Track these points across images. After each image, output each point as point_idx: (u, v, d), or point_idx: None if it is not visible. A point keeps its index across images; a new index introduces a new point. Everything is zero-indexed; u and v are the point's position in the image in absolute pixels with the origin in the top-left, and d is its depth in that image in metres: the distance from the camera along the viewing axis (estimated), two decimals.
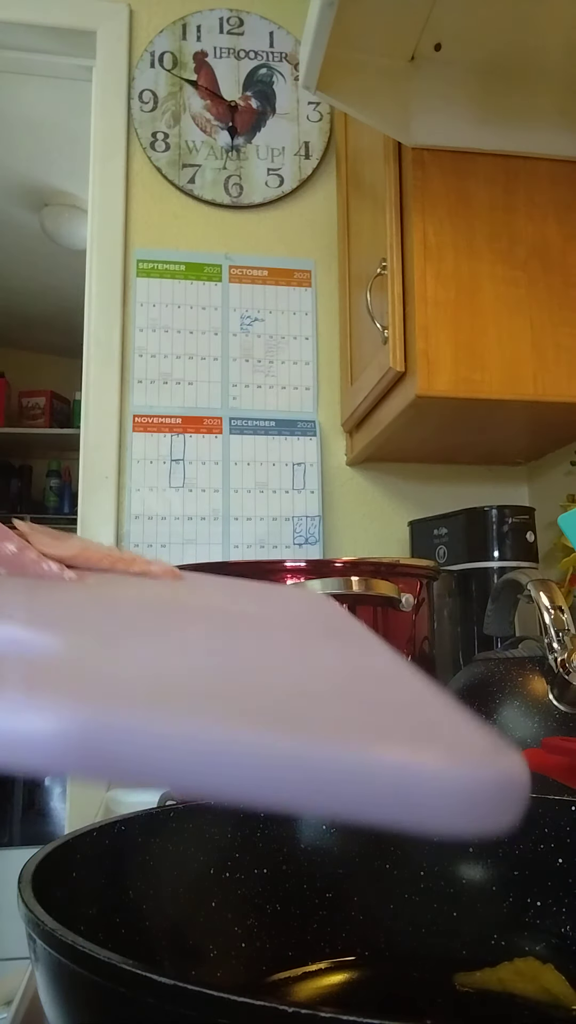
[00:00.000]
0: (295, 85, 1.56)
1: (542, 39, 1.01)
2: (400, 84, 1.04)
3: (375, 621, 0.75)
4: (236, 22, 1.56)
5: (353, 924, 0.43)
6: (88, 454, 1.40)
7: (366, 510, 1.47)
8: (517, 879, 0.43)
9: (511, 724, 0.73)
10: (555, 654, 0.72)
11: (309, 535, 1.42)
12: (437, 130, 1.06)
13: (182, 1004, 0.21)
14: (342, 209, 1.46)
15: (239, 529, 1.40)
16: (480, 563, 1.17)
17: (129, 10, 1.55)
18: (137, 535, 1.38)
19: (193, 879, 0.40)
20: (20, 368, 3.50)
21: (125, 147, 1.50)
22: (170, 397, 1.44)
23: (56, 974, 0.25)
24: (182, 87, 1.53)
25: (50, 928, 0.25)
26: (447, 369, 1.04)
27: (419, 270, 1.05)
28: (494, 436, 1.28)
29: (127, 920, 0.36)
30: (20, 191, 2.52)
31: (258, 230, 1.53)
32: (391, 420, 1.17)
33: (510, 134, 1.09)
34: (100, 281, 1.46)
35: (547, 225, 1.10)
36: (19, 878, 0.31)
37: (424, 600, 0.80)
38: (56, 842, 0.35)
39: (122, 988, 0.22)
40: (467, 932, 0.42)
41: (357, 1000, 0.39)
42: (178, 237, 1.50)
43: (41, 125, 2.22)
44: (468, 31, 0.99)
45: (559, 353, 1.07)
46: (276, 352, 1.48)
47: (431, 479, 1.50)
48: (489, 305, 1.06)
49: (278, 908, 0.42)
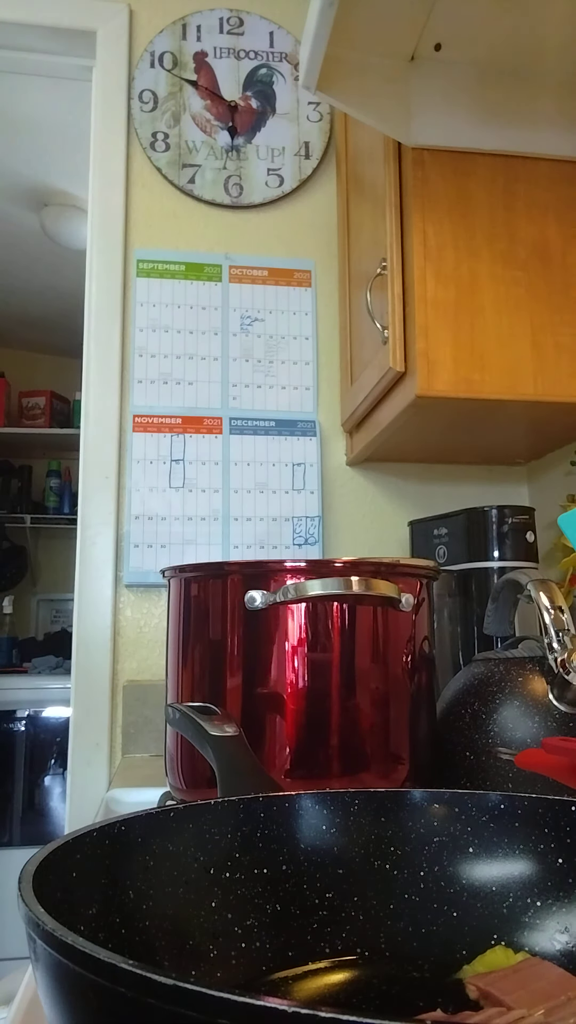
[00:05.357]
0: (295, 85, 1.56)
1: (542, 39, 1.01)
2: (400, 84, 1.04)
3: (375, 621, 0.75)
4: (236, 22, 1.56)
5: (353, 924, 0.43)
6: (88, 454, 1.40)
7: (366, 510, 1.47)
8: (517, 879, 0.43)
9: (511, 724, 0.73)
10: (555, 654, 0.72)
11: (309, 535, 1.42)
12: (437, 130, 1.06)
13: (182, 1004, 0.21)
14: (342, 209, 1.46)
15: (239, 529, 1.40)
16: (480, 563, 1.17)
17: (129, 10, 1.55)
18: (137, 535, 1.38)
19: (193, 879, 0.40)
20: (20, 368, 3.50)
21: (125, 147, 1.50)
22: (170, 397, 1.44)
23: (56, 974, 0.25)
24: (182, 87, 1.53)
25: (50, 928, 0.25)
26: (447, 369, 1.04)
27: (419, 270, 1.05)
28: (494, 436, 1.28)
29: (127, 920, 0.36)
30: (20, 191, 2.52)
31: (258, 230, 1.53)
32: (391, 420, 1.17)
33: (510, 134, 1.09)
34: (100, 281, 1.46)
35: (547, 225, 1.10)
36: (19, 878, 0.31)
37: (424, 600, 0.80)
38: (56, 842, 0.35)
39: (122, 988, 0.22)
40: (467, 932, 0.42)
41: (357, 1000, 0.39)
42: (178, 237, 1.50)
43: (41, 125, 2.22)
44: (468, 31, 0.99)
45: (559, 353, 1.07)
46: (276, 352, 1.48)
47: (431, 479, 1.50)
48: (489, 305, 1.06)
49: (278, 908, 0.42)
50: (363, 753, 0.73)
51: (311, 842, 0.44)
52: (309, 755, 0.73)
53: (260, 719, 0.73)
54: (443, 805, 0.46)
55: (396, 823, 0.45)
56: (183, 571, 0.81)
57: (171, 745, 0.80)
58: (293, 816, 0.45)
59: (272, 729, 0.73)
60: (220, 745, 0.57)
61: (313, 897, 0.43)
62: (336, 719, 0.73)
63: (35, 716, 2.71)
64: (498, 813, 0.45)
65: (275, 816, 0.44)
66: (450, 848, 0.44)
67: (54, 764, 2.70)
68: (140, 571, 1.37)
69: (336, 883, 0.43)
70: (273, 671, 0.74)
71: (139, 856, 0.39)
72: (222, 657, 0.76)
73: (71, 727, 1.34)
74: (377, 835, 0.45)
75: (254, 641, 0.75)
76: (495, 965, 0.40)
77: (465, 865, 0.44)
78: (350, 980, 0.40)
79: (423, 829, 0.45)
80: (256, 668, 0.74)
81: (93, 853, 0.37)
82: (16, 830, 2.64)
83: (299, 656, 0.73)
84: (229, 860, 0.42)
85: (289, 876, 0.43)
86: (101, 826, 0.38)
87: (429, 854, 0.44)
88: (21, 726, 2.70)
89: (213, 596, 0.77)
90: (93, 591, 1.37)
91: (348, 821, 0.45)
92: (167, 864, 0.40)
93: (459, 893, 0.43)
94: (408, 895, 0.43)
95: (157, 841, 0.40)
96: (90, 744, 1.32)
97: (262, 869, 0.42)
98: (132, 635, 1.37)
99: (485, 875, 0.44)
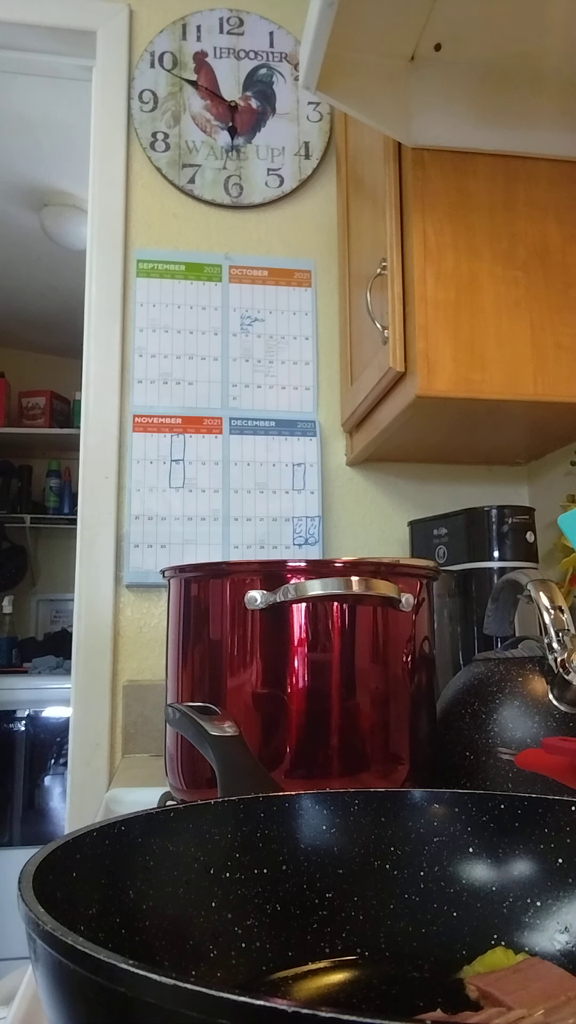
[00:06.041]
0: (295, 85, 1.55)
1: (542, 39, 1.01)
2: (400, 84, 1.04)
3: (375, 621, 0.75)
4: (236, 22, 1.56)
5: (353, 924, 0.43)
6: (88, 454, 1.40)
7: (366, 510, 1.47)
8: (517, 879, 0.43)
9: (511, 724, 0.73)
10: (555, 654, 0.72)
11: (309, 535, 1.42)
12: (437, 130, 1.06)
13: (182, 1004, 0.21)
14: (342, 209, 1.46)
15: (239, 529, 1.40)
16: (480, 563, 1.17)
17: (129, 10, 1.55)
18: (137, 535, 1.38)
19: (193, 879, 0.40)
20: (20, 368, 3.50)
21: (125, 147, 1.50)
22: (170, 397, 1.44)
23: (56, 974, 0.25)
24: (182, 87, 1.53)
25: (50, 928, 0.25)
26: (447, 369, 1.04)
27: (419, 270, 1.05)
28: (494, 436, 1.28)
29: (127, 920, 0.36)
30: (20, 191, 2.52)
31: (258, 230, 1.53)
32: (391, 420, 1.17)
33: (510, 134, 1.09)
34: (100, 281, 1.46)
35: (547, 225, 1.10)
36: (19, 878, 0.31)
37: (424, 600, 0.80)
38: (56, 842, 0.35)
39: (122, 988, 0.22)
40: (467, 932, 0.42)
41: (357, 1000, 0.39)
42: (178, 237, 1.50)
43: (41, 125, 2.22)
44: (468, 31, 0.99)
45: (559, 353, 1.07)
46: (276, 352, 1.48)
47: (431, 479, 1.50)
48: (489, 305, 1.06)
49: (278, 908, 0.42)
50: (363, 753, 0.73)
51: (311, 842, 0.44)
52: (309, 755, 0.73)
53: (260, 719, 0.73)
54: (443, 805, 0.46)
55: (396, 823, 0.45)
56: (183, 571, 0.81)
57: (171, 745, 0.80)
58: (293, 816, 0.45)
59: (272, 729, 0.73)
60: (220, 745, 0.57)
61: (313, 897, 0.43)
62: (336, 719, 0.73)
63: (35, 716, 2.71)
64: (498, 813, 0.45)
65: (275, 816, 0.44)
66: (450, 848, 0.44)
67: (54, 764, 2.70)
68: (140, 571, 1.37)
69: (336, 883, 0.43)
70: (273, 671, 0.74)
71: (139, 856, 0.39)
72: (222, 657, 0.76)
73: (71, 727, 1.34)
74: (377, 835, 0.45)
75: (254, 641, 0.75)
76: (495, 965, 0.40)
77: (465, 865, 0.44)
78: (350, 980, 0.40)
79: (423, 829, 0.45)
80: (256, 668, 0.74)
81: (93, 853, 0.37)
82: (16, 830, 2.64)
83: (299, 656, 0.73)
84: (229, 860, 0.42)
85: (289, 876, 0.43)
86: (101, 826, 0.38)
87: (429, 854, 0.44)
88: (21, 726, 2.70)
89: (213, 596, 0.77)
90: (93, 591, 1.37)
91: (348, 821, 0.45)
92: (167, 864, 0.40)
93: (459, 893, 0.43)
94: (408, 895, 0.43)
95: (157, 841, 0.40)
96: (90, 744, 1.32)
97: (262, 869, 0.42)
98: (132, 635, 1.37)
99: (485, 875, 0.44)
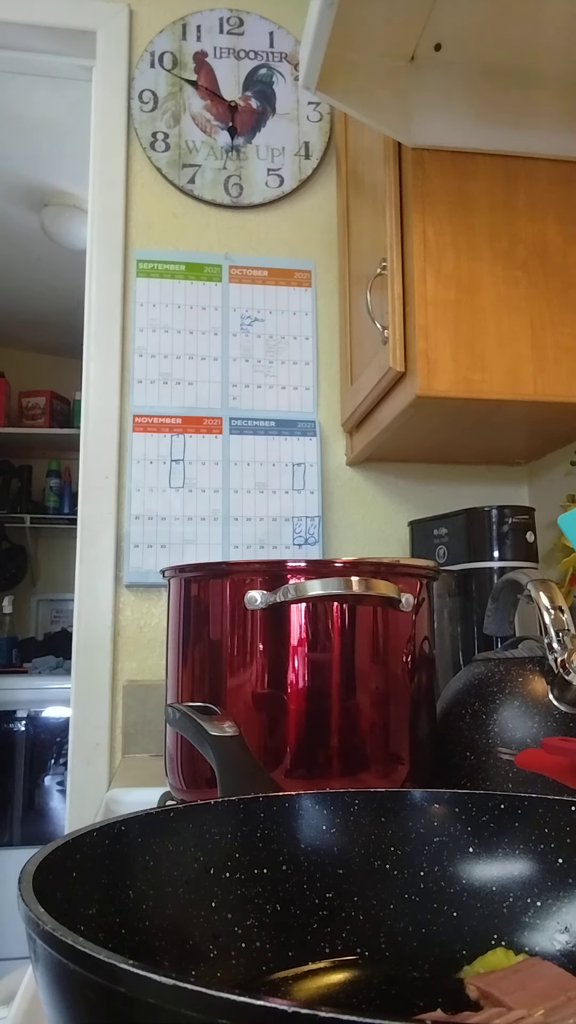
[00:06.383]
0: (295, 85, 1.55)
1: (542, 39, 1.01)
2: (400, 84, 1.04)
3: (375, 621, 0.75)
4: (236, 22, 1.56)
5: (353, 924, 0.43)
6: (88, 454, 1.40)
7: (366, 510, 1.47)
8: (517, 879, 0.43)
9: (511, 724, 0.73)
10: (555, 654, 0.72)
11: (309, 535, 1.42)
12: (437, 130, 1.06)
13: (182, 1004, 0.21)
14: (342, 209, 1.46)
15: (239, 529, 1.40)
16: (480, 563, 1.17)
17: (129, 10, 1.55)
18: (137, 535, 1.38)
19: (193, 879, 0.40)
20: (20, 368, 3.50)
21: (125, 147, 1.50)
22: (170, 397, 1.44)
23: (56, 974, 0.25)
24: (182, 87, 1.53)
25: (50, 928, 0.25)
26: (447, 369, 1.04)
27: (419, 270, 1.05)
28: (494, 436, 1.28)
29: (127, 920, 0.36)
30: (20, 191, 2.52)
31: (258, 230, 1.53)
32: (391, 420, 1.17)
33: (510, 134, 1.09)
34: (100, 281, 1.46)
35: (547, 225, 1.10)
36: (19, 878, 0.31)
37: (424, 600, 0.80)
38: (56, 842, 0.35)
39: (122, 988, 0.22)
40: (467, 932, 0.42)
41: (357, 1000, 0.39)
42: (178, 237, 1.50)
43: (41, 125, 2.22)
44: (468, 31, 0.99)
45: (559, 353, 1.07)
46: (276, 352, 1.48)
47: (431, 479, 1.50)
48: (489, 305, 1.06)
49: (278, 908, 0.42)
50: (363, 753, 0.73)
51: (311, 842, 0.44)
52: (309, 755, 0.73)
53: (260, 719, 0.73)
54: (443, 805, 0.46)
55: (396, 823, 0.45)
56: (183, 571, 0.81)
57: (171, 745, 0.80)
58: (293, 816, 0.45)
59: (272, 729, 0.73)
60: (220, 745, 0.57)
61: (313, 897, 0.43)
62: (336, 719, 0.73)
63: (35, 716, 2.71)
64: (498, 813, 0.45)
65: (275, 816, 0.44)
66: (450, 848, 0.44)
67: (54, 764, 2.70)
68: (140, 571, 1.37)
69: (336, 883, 0.43)
70: (273, 671, 0.74)
71: (139, 856, 0.39)
72: (222, 657, 0.76)
73: (71, 727, 1.34)
74: (377, 835, 0.45)
75: (254, 641, 0.75)
76: (495, 965, 0.40)
77: (465, 865, 0.44)
78: (350, 980, 0.40)
79: (423, 829, 0.45)
80: (256, 668, 0.74)
81: (93, 853, 0.37)
82: (16, 830, 2.64)
83: (299, 656, 0.73)
84: (229, 860, 0.42)
85: (289, 876, 0.43)
86: (101, 826, 0.38)
87: (429, 854, 0.44)
88: (21, 726, 2.70)
89: (213, 596, 0.77)
90: (93, 591, 1.37)
91: (348, 821, 0.45)
92: (167, 864, 0.40)
93: (459, 893, 0.43)
94: (408, 895, 0.43)
95: (157, 841, 0.40)
96: (90, 744, 1.32)
97: (262, 869, 0.42)
98: (132, 635, 1.37)
99: (485, 875, 0.44)
